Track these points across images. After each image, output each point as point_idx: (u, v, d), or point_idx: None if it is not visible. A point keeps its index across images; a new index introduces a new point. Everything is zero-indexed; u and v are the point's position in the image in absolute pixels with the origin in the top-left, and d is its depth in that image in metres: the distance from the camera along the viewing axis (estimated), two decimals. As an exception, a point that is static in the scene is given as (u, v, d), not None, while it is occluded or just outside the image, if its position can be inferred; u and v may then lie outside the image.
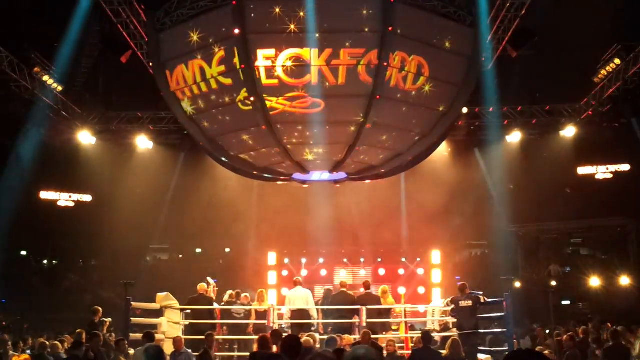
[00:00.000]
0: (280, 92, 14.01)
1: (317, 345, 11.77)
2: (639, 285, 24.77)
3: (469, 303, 13.60)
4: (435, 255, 24.44)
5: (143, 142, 23.65)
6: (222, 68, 14.03)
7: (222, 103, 14.64)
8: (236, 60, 13.67)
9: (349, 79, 13.59)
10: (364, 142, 14.81)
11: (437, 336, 14.95)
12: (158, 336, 14.80)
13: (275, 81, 13.82)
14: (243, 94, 14.13)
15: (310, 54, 13.43)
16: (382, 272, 25.23)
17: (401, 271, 25.40)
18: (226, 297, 16.90)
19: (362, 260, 25.46)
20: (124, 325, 13.61)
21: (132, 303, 13.82)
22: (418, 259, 25.02)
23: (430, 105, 14.91)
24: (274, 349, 10.23)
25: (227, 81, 14.11)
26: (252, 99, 13.94)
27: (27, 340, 17.04)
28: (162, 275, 26.39)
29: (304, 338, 12.03)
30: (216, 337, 15.08)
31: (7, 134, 21.71)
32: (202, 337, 13.04)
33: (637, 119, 21.88)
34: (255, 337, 14.66)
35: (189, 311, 15.12)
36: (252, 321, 14.99)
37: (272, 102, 14.11)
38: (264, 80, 13.83)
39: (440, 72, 14.45)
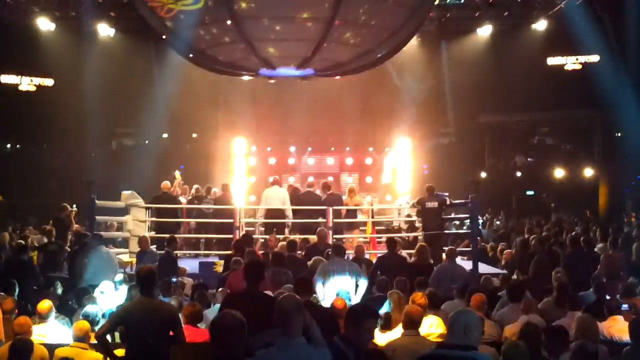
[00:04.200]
0: None
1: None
2: (602, 177, 25.22)
3: (435, 204, 13.70)
4: (403, 144, 24.40)
5: (104, 29, 22.96)
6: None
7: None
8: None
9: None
10: (331, 40, 14.37)
11: (404, 234, 15.20)
12: (124, 234, 14.89)
13: None
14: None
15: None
16: (349, 161, 25.27)
17: (369, 160, 25.44)
18: (193, 192, 16.87)
19: (332, 149, 25.44)
20: (89, 224, 13.54)
21: (97, 201, 13.71)
22: (387, 149, 24.99)
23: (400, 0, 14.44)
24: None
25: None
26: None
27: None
28: (127, 160, 26.22)
29: (281, 243, 12.19)
30: (182, 235, 15.22)
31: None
32: (167, 235, 13.09)
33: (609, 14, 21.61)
34: (224, 236, 14.83)
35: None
36: (219, 220, 14.95)
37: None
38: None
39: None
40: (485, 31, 23.36)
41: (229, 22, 13.97)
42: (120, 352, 6.54)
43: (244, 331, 4.49)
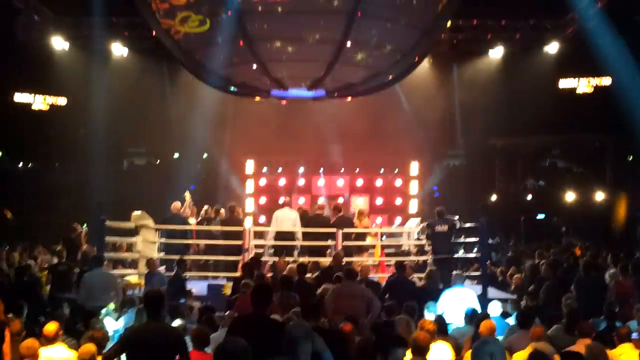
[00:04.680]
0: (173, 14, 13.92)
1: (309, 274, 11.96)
2: (613, 201, 25.11)
3: (445, 228, 13.65)
4: (414, 167, 24.40)
5: (118, 49, 23.17)
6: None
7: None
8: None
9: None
10: (343, 61, 14.44)
11: (413, 258, 15.15)
12: (133, 255, 14.89)
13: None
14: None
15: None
16: (359, 182, 25.20)
17: (379, 182, 25.36)
18: (202, 213, 16.85)
19: (342, 170, 25.33)
20: (99, 246, 13.53)
21: (107, 222, 13.72)
22: (396, 170, 24.94)
23: (413, 23, 14.53)
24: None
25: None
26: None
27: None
28: (138, 180, 26.34)
29: (290, 265, 12.15)
30: (191, 257, 15.21)
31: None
32: (176, 256, 13.13)
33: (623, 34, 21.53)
34: (232, 258, 14.80)
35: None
36: (228, 241, 14.92)
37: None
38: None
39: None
40: (496, 53, 23.42)
41: (241, 43, 14.14)
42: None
43: (248, 357, 4.47)
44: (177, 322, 8.32)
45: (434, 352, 7.27)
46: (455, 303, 9.82)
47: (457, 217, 14.32)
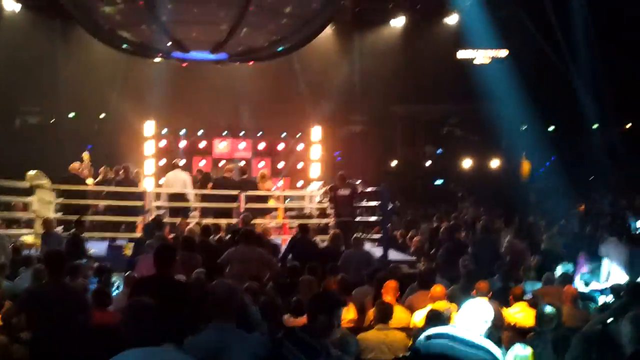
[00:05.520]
0: None
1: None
2: (507, 168, 26.01)
3: (347, 192, 13.82)
4: (316, 131, 24.49)
5: (9, 4, 22.21)
6: None
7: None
8: None
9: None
10: (246, 25, 14.30)
11: (315, 221, 15.29)
12: (29, 214, 14.44)
13: None
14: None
15: None
16: (261, 146, 25.21)
17: (281, 146, 25.46)
18: (100, 177, 16.45)
19: (242, 133, 25.27)
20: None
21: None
22: (299, 134, 25.05)
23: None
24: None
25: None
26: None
27: None
28: (32, 140, 25.40)
29: (189, 227, 12.06)
30: (90, 217, 14.89)
31: None
32: (74, 217, 12.84)
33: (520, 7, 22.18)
34: (132, 219, 14.59)
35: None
36: (129, 202, 14.68)
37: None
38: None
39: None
40: (398, 23, 23.75)
41: (140, 2, 13.77)
42: (26, 335, 6.37)
43: (155, 317, 4.43)
44: (77, 282, 8.15)
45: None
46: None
47: (358, 182, 14.52)
